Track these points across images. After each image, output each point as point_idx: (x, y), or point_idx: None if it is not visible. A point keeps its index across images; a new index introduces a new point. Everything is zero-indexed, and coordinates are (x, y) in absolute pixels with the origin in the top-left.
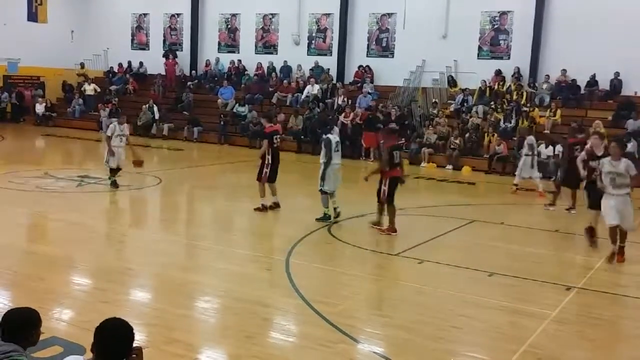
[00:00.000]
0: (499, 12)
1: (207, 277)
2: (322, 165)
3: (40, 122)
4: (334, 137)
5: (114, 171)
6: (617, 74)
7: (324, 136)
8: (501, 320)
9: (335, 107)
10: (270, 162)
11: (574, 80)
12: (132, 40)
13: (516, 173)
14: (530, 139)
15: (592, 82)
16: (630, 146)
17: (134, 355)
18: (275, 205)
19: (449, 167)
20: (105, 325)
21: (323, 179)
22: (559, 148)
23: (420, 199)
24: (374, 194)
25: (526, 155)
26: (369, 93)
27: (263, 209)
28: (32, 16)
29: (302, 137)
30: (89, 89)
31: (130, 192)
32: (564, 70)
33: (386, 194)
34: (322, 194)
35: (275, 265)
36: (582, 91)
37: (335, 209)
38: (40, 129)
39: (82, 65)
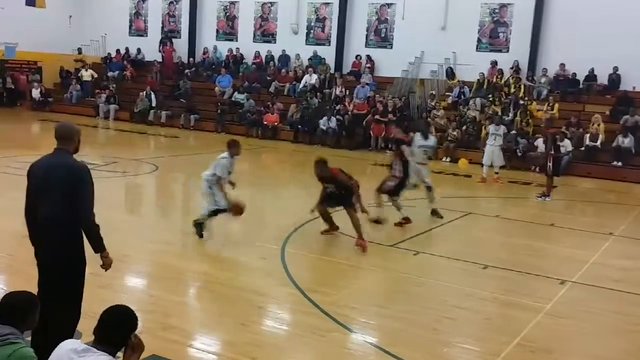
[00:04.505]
0: (498, 5)
1: (203, 264)
2: None
3: (37, 107)
4: None
5: None
6: (615, 68)
7: None
8: (495, 312)
9: (332, 97)
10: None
11: (573, 75)
12: (130, 26)
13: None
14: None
15: (591, 76)
16: (627, 141)
17: (133, 339)
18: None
19: (446, 159)
20: (110, 311)
21: None
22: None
23: (416, 190)
24: (372, 186)
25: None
26: (367, 84)
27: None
28: (31, 1)
29: (299, 126)
30: (86, 74)
31: (126, 179)
32: (563, 65)
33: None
34: None
35: (270, 254)
36: (581, 85)
37: None
38: (37, 114)
39: (80, 51)
